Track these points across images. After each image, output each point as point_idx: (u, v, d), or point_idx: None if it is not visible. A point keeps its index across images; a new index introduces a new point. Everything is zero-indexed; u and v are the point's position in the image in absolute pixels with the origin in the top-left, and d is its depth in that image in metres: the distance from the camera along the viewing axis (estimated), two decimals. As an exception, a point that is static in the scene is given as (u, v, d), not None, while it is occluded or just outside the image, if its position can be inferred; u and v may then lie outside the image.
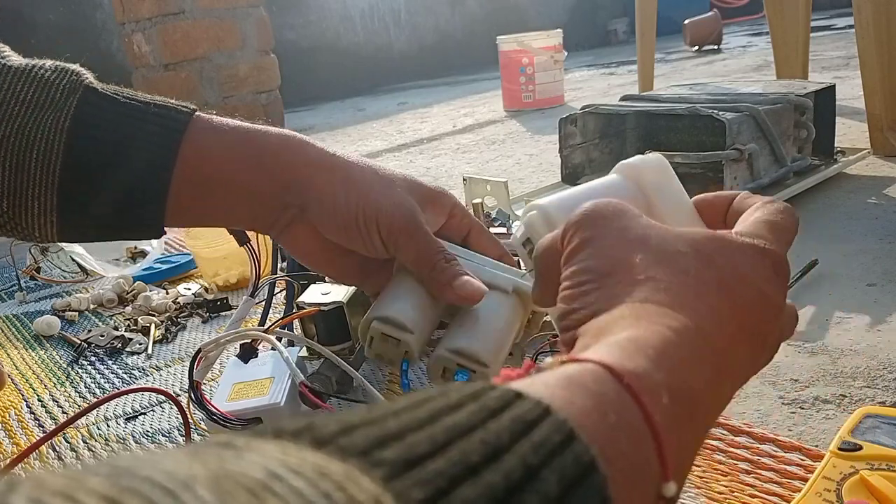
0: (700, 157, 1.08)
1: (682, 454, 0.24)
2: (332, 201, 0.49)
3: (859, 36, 1.29)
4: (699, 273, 0.28)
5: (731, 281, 0.29)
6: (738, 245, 0.30)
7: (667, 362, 0.24)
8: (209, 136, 0.49)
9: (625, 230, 0.30)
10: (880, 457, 0.45)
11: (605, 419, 0.21)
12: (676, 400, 0.24)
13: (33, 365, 0.88)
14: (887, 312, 0.72)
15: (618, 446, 0.21)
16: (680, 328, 0.26)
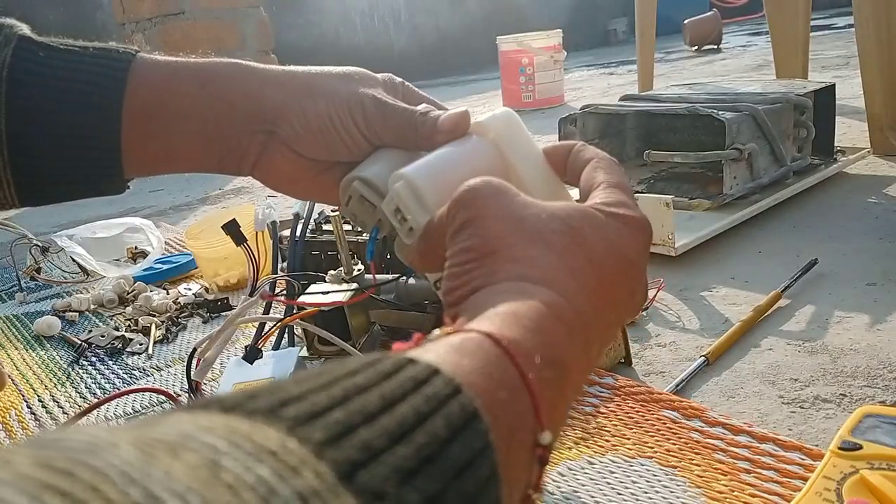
0: (700, 157, 1.08)
1: (556, 411, 0.27)
2: (302, 113, 0.47)
3: (859, 35, 1.29)
4: (571, 251, 0.31)
5: (599, 255, 0.32)
6: (605, 220, 0.33)
7: (540, 333, 0.27)
8: (154, 69, 0.46)
9: (504, 210, 0.33)
10: (880, 456, 0.45)
11: (489, 378, 0.24)
12: (548, 364, 0.27)
13: (34, 365, 0.88)
14: (887, 312, 0.72)
15: (499, 400, 0.24)
16: (553, 303, 0.29)
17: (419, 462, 0.19)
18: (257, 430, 0.17)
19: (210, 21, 2.51)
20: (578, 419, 0.61)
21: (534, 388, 0.26)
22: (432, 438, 0.20)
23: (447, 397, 0.22)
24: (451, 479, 0.20)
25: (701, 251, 0.94)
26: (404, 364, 0.23)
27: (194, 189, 1.95)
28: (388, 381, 0.21)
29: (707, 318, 0.77)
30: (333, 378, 0.21)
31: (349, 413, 0.19)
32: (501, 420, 0.24)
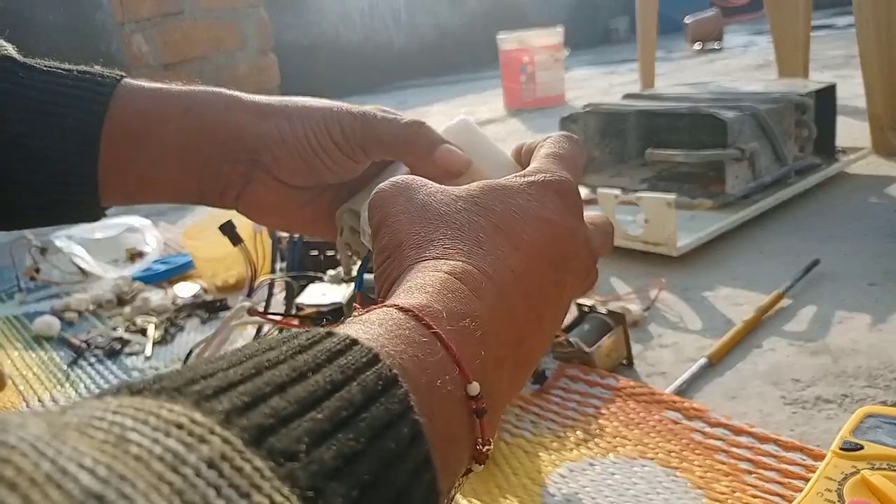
0: (701, 156, 1.08)
1: (486, 364, 0.28)
2: (279, 137, 0.45)
3: (860, 35, 1.28)
4: (476, 224, 0.32)
5: (508, 221, 0.32)
6: (516, 188, 0.34)
7: (441, 293, 0.28)
8: (137, 95, 0.45)
9: (408, 203, 0.34)
10: (882, 456, 0.45)
11: (399, 339, 0.25)
12: (456, 318, 0.27)
13: (33, 366, 0.88)
14: (888, 312, 0.72)
15: (413, 358, 0.24)
16: (452, 269, 0.30)
17: (333, 426, 0.19)
18: (163, 407, 0.17)
19: (210, 21, 2.51)
20: (580, 420, 0.61)
21: (446, 340, 0.26)
22: (346, 403, 0.20)
23: (364, 366, 0.22)
24: (370, 440, 0.20)
25: (703, 251, 0.94)
26: (321, 338, 0.23)
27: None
28: (303, 354, 0.22)
29: (709, 318, 0.77)
30: (246, 355, 0.21)
31: (257, 386, 0.19)
32: (420, 377, 0.24)
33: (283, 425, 0.18)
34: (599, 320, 0.70)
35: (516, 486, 0.54)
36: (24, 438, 0.14)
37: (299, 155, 0.45)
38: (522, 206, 0.33)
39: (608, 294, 0.85)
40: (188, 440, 0.16)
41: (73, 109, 0.44)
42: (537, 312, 0.32)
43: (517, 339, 0.30)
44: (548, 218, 0.33)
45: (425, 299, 0.28)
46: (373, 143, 0.46)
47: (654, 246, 0.92)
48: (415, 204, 0.34)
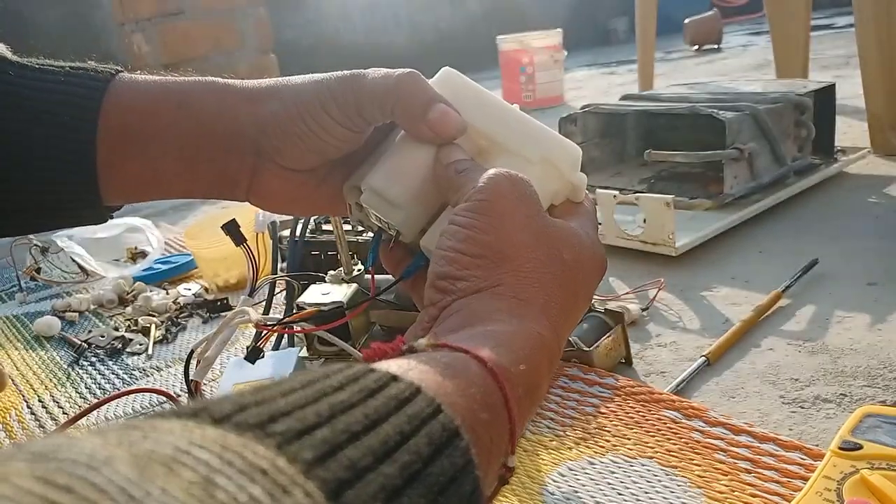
0: (700, 157, 1.08)
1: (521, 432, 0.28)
2: (276, 123, 0.43)
3: (859, 35, 1.28)
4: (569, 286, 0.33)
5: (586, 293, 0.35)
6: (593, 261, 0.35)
7: (527, 361, 0.28)
8: (131, 90, 0.44)
9: (529, 220, 0.33)
10: (881, 456, 0.45)
11: (472, 399, 0.25)
12: (528, 392, 0.28)
13: (34, 366, 0.88)
14: (888, 311, 0.72)
15: (480, 421, 0.25)
16: (544, 334, 0.30)
17: (404, 481, 0.20)
18: (248, 447, 0.17)
19: (210, 21, 2.51)
20: (579, 419, 0.61)
21: (514, 414, 0.26)
22: (416, 457, 0.21)
23: (429, 416, 0.22)
24: (436, 496, 0.20)
25: (701, 251, 0.94)
26: (388, 382, 0.23)
27: (194, 189, 1.94)
28: (373, 398, 0.22)
29: (708, 317, 0.77)
30: (320, 392, 0.21)
31: (335, 432, 0.20)
32: (482, 440, 0.24)
33: (359, 479, 0.19)
34: (598, 320, 0.70)
35: (516, 485, 0.54)
36: (114, 480, 0.14)
37: (300, 139, 0.43)
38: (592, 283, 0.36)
39: (607, 294, 0.85)
40: (272, 490, 0.16)
41: (67, 107, 0.42)
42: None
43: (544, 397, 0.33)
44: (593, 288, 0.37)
45: (509, 360, 0.28)
46: (367, 107, 0.42)
47: (653, 246, 0.92)
48: (533, 227, 0.33)
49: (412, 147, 0.40)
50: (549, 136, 0.41)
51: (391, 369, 0.24)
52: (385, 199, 0.39)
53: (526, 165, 0.39)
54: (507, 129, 0.40)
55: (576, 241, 0.35)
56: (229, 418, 0.19)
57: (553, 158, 0.40)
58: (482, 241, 0.32)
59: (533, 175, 0.37)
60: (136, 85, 0.44)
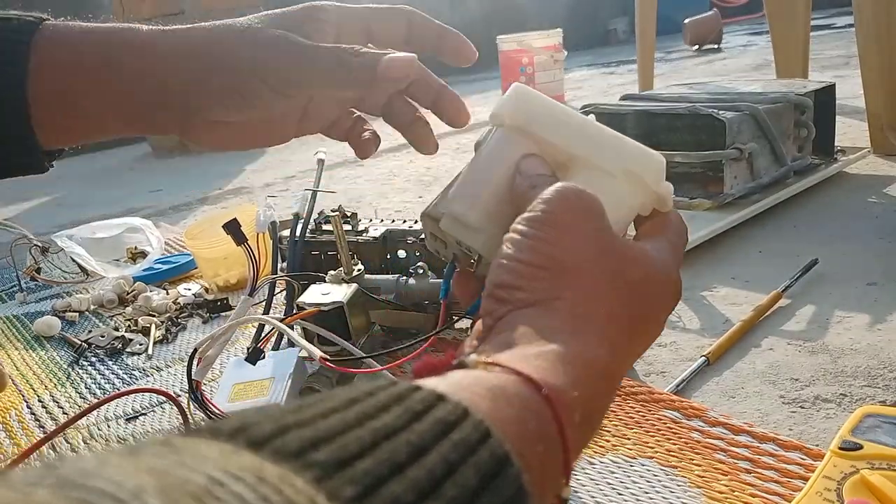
0: (700, 157, 1.08)
1: (576, 460, 0.27)
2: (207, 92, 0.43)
3: (859, 35, 1.29)
4: (635, 306, 0.31)
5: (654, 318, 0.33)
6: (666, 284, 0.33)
7: (584, 387, 0.26)
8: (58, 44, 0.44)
9: (593, 235, 0.31)
10: (881, 456, 0.45)
11: (525, 427, 0.24)
12: (585, 420, 0.26)
13: (34, 365, 0.88)
14: (887, 311, 0.72)
15: (535, 452, 0.23)
16: (603, 359, 0.28)
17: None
18: (286, 482, 0.16)
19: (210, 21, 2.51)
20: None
21: (570, 443, 0.25)
22: (463, 490, 0.19)
23: (476, 442, 0.21)
24: None
25: (701, 251, 0.94)
26: (434, 403, 0.22)
27: (194, 189, 1.95)
28: (418, 423, 0.21)
29: (707, 317, 0.77)
30: (362, 415, 0.20)
31: (377, 463, 0.19)
32: (534, 470, 0.23)
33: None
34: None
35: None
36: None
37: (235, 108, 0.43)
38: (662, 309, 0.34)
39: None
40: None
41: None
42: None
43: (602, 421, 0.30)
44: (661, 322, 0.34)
45: (565, 384, 0.26)
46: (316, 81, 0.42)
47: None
48: (601, 243, 0.31)
49: (488, 165, 0.39)
50: (630, 147, 0.39)
51: (438, 388, 0.23)
52: (464, 224, 0.38)
53: (607, 179, 0.37)
54: (586, 143, 0.39)
55: (646, 260, 0.32)
56: (268, 443, 0.18)
57: (636, 170, 0.38)
58: (544, 251, 0.30)
59: (616, 189, 0.36)
60: (61, 36, 0.44)
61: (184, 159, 2.60)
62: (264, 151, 2.26)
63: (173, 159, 2.64)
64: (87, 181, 2.29)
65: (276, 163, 2.12)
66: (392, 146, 2.18)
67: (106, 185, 2.19)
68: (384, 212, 1.40)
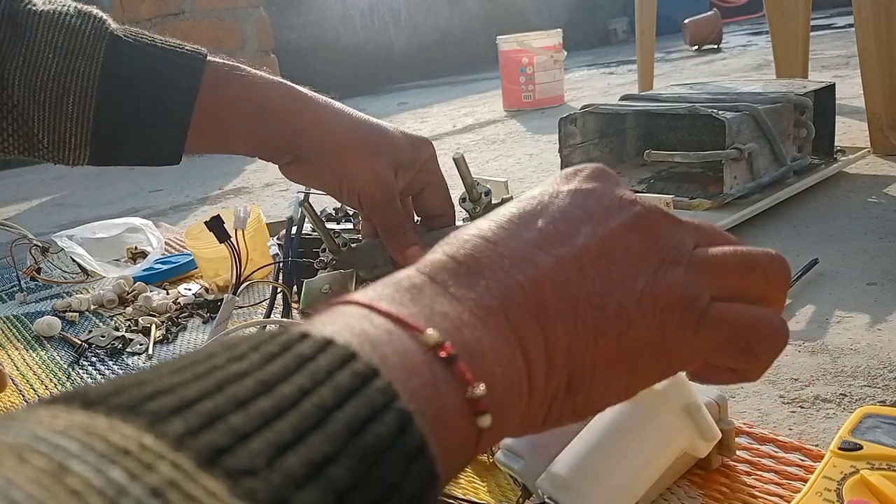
0: (700, 157, 1.08)
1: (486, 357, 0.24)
2: (320, 164, 0.59)
3: (859, 35, 1.29)
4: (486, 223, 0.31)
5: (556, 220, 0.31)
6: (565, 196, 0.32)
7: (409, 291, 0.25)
8: (221, 85, 0.58)
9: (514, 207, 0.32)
10: (881, 456, 0.45)
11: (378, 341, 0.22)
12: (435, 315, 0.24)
13: (34, 366, 0.88)
14: (888, 311, 0.72)
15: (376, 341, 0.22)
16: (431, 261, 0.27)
17: (299, 434, 0.18)
18: (114, 430, 0.16)
19: (210, 21, 2.51)
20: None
21: (412, 321, 0.23)
22: (314, 409, 0.19)
23: (337, 366, 0.20)
24: (345, 441, 0.18)
25: (701, 251, 0.94)
26: (295, 340, 0.21)
27: (194, 189, 1.95)
28: (271, 363, 0.20)
29: (707, 318, 0.77)
30: (213, 366, 0.19)
31: (217, 403, 0.18)
32: (390, 362, 0.21)
33: (241, 442, 0.17)
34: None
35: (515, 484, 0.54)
36: None
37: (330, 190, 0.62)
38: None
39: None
40: (134, 468, 0.15)
41: (170, 87, 0.57)
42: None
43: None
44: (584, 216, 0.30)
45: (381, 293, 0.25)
46: (377, 223, 0.64)
47: (654, 246, 0.92)
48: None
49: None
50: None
51: (304, 328, 0.22)
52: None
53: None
54: None
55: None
56: (103, 401, 0.17)
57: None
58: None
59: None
60: (224, 79, 0.58)
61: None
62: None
63: (173, 159, 2.64)
64: (87, 181, 2.29)
65: (276, 163, 2.12)
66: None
67: (106, 185, 2.19)
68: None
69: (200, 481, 0.16)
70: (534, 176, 1.52)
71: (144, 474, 0.15)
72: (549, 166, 1.56)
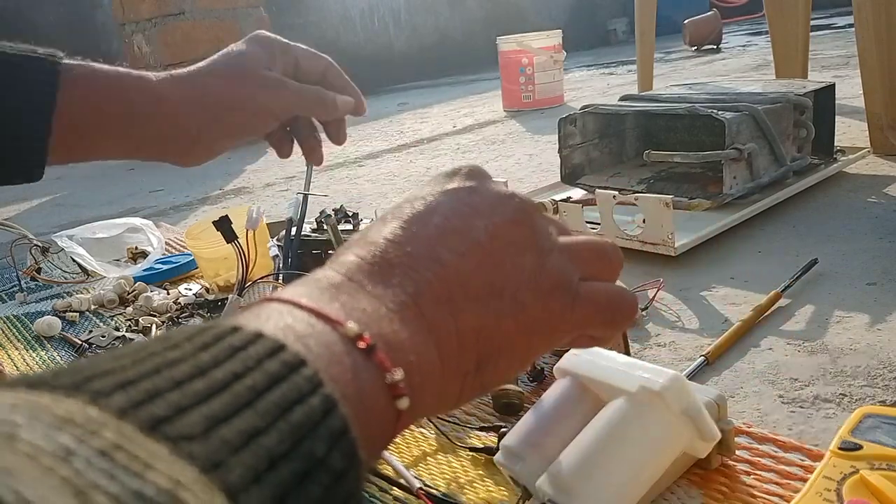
0: (699, 157, 1.08)
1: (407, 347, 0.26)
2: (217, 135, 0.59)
3: (859, 35, 1.29)
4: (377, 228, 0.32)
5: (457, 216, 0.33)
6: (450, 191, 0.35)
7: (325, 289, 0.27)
8: (81, 86, 0.54)
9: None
10: (880, 456, 0.45)
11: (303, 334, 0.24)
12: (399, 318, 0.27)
13: (34, 366, 0.88)
14: (887, 311, 0.72)
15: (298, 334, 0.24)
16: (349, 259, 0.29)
17: (232, 409, 0.19)
18: (59, 403, 0.17)
19: (210, 21, 2.51)
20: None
21: (381, 354, 0.25)
22: (246, 389, 0.20)
23: (267, 355, 0.22)
24: (275, 417, 0.20)
25: (701, 251, 0.94)
26: (226, 334, 0.22)
27: (194, 189, 1.95)
28: (205, 351, 0.21)
29: (707, 317, 0.77)
30: (149, 353, 0.21)
31: (155, 383, 0.19)
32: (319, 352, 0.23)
33: (179, 414, 0.18)
34: (599, 320, 0.70)
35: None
36: None
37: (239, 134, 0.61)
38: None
39: (607, 294, 0.85)
40: (80, 434, 0.16)
41: (23, 100, 0.51)
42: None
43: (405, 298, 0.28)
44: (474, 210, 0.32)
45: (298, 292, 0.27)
46: (296, 113, 0.62)
47: (653, 246, 0.93)
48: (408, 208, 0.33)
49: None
50: (644, 367, 0.45)
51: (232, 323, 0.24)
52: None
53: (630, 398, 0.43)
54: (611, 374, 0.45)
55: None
56: (44, 383, 0.18)
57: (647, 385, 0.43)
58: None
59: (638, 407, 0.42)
60: (83, 86, 0.54)
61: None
62: (265, 152, 2.26)
63: (173, 159, 2.64)
64: (87, 181, 2.29)
65: (277, 163, 2.12)
66: (392, 146, 2.18)
67: (106, 185, 2.19)
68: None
69: (143, 444, 0.17)
70: (534, 176, 1.52)
71: (90, 439, 0.16)
72: (548, 166, 1.56)
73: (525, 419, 0.48)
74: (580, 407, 0.46)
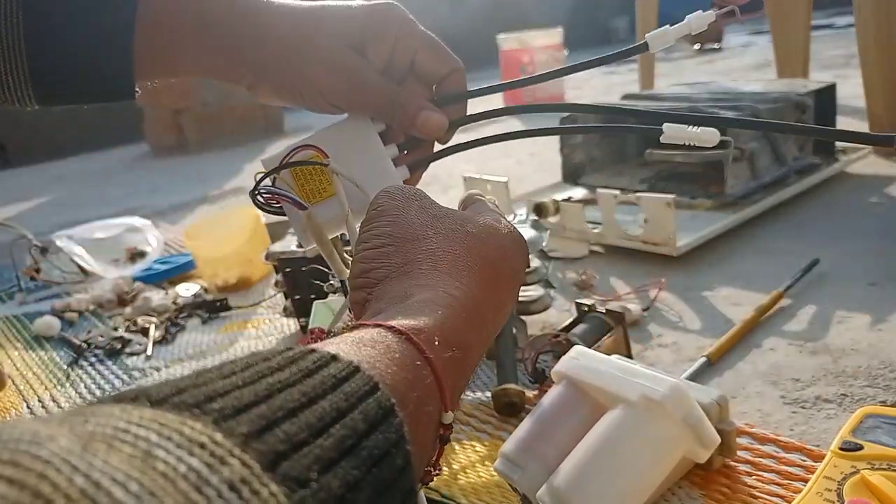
0: (701, 157, 1.08)
1: (456, 392, 0.30)
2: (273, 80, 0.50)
3: (860, 35, 1.28)
4: (477, 251, 0.36)
5: (494, 253, 0.37)
6: (504, 234, 0.38)
7: (441, 318, 0.30)
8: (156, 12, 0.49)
9: (423, 207, 0.37)
10: (881, 456, 0.45)
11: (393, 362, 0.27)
12: (447, 345, 0.29)
13: (33, 366, 0.88)
14: (889, 311, 0.72)
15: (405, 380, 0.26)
16: (461, 297, 0.33)
17: (339, 454, 0.21)
18: (186, 425, 0.18)
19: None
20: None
21: (436, 364, 0.28)
22: (351, 431, 0.22)
23: (366, 394, 0.24)
24: (369, 468, 0.21)
25: (702, 251, 0.94)
26: (327, 361, 0.24)
27: (193, 189, 1.95)
28: (310, 378, 0.23)
29: (709, 318, 0.77)
30: (258, 374, 0.22)
31: (272, 409, 0.21)
32: (408, 400, 0.26)
33: (295, 451, 0.20)
34: (599, 320, 0.70)
35: (516, 485, 0.54)
36: (57, 452, 0.15)
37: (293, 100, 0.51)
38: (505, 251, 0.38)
39: (608, 294, 0.85)
40: (210, 461, 0.17)
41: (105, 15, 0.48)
42: (491, 332, 0.37)
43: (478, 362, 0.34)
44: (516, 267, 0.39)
45: (421, 321, 0.30)
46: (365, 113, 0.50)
47: (654, 246, 0.92)
48: (431, 211, 0.37)
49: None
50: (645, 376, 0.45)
51: (330, 350, 0.25)
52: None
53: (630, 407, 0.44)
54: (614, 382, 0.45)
55: (475, 217, 0.38)
56: (167, 400, 0.19)
57: (649, 394, 0.43)
58: (382, 233, 0.35)
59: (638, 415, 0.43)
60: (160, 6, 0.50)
61: (183, 159, 2.60)
62: (265, 152, 2.25)
63: (173, 159, 2.64)
64: (87, 181, 2.29)
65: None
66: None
67: (106, 185, 2.19)
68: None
69: (266, 483, 0.18)
70: (534, 175, 1.52)
71: (220, 467, 0.17)
72: (549, 166, 1.56)
73: (524, 425, 0.48)
74: (579, 413, 0.46)
